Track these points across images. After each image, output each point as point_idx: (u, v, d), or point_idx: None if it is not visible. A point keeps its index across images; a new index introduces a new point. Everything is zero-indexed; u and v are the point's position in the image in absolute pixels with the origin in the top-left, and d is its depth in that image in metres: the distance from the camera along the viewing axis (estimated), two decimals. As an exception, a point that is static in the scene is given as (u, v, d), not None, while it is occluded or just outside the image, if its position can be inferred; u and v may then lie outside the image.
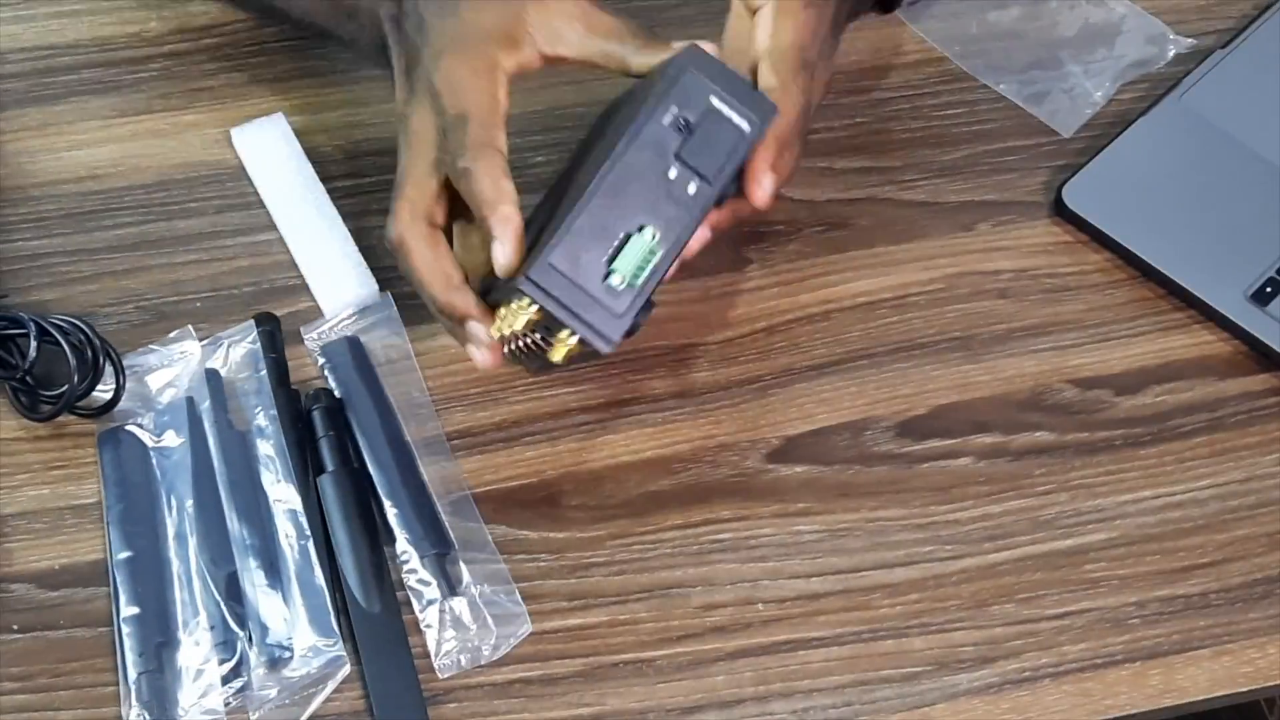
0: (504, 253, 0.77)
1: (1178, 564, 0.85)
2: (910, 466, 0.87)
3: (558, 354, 0.76)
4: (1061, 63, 1.01)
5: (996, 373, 0.91)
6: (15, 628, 0.81)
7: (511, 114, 0.96)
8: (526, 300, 0.75)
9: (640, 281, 0.75)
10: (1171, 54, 1.01)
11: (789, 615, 0.83)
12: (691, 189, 0.76)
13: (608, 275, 0.75)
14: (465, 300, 0.81)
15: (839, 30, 0.88)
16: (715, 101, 0.77)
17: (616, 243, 0.75)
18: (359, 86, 0.99)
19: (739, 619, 0.83)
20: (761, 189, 0.81)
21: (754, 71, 0.83)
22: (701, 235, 0.80)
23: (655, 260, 0.75)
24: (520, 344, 0.79)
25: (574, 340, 0.75)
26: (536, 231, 0.80)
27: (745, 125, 0.77)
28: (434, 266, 0.81)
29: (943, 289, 0.93)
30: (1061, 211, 0.95)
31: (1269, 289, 0.91)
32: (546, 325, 0.76)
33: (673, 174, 0.76)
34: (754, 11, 0.84)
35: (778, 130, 0.80)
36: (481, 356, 0.81)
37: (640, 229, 0.75)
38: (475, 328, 0.81)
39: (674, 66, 0.78)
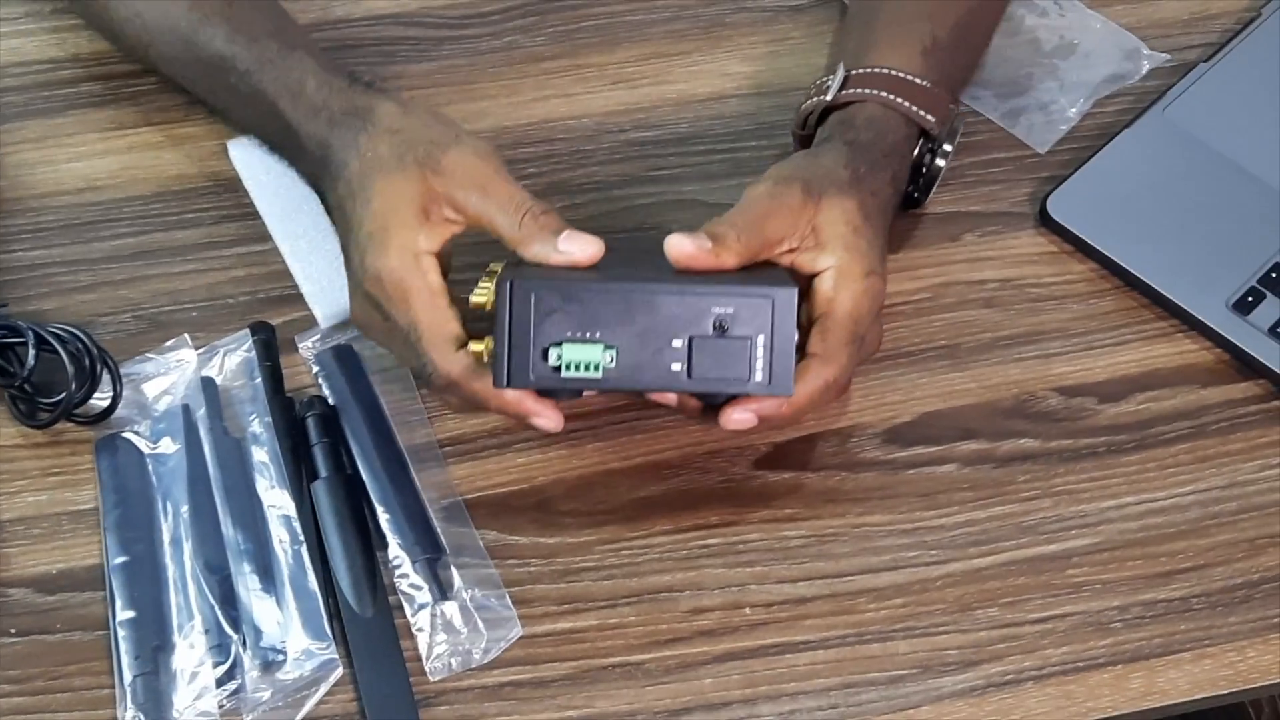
0: (546, 426, 0.80)
1: (1160, 569, 0.86)
2: (896, 473, 0.88)
3: (476, 344, 0.79)
4: (1037, 79, 1.02)
5: (982, 380, 0.92)
6: (13, 631, 0.82)
7: (505, 128, 0.99)
8: (493, 289, 0.78)
9: (565, 375, 0.77)
10: (1146, 68, 1.02)
11: (776, 619, 0.84)
12: (674, 367, 0.78)
13: (554, 344, 0.77)
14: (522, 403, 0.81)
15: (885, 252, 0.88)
16: (758, 340, 0.77)
17: (585, 333, 0.77)
18: (353, 99, 1.00)
19: (727, 623, 0.84)
20: (731, 420, 0.81)
21: (809, 325, 0.83)
22: (664, 393, 0.83)
23: (591, 374, 0.77)
24: None
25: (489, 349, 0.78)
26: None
27: (756, 378, 0.78)
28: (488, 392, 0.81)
29: (929, 298, 0.94)
30: (1046, 222, 0.96)
31: (1250, 298, 0.92)
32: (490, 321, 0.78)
33: (675, 344, 0.77)
34: (814, 274, 0.83)
35: (791, 401, 0.80)
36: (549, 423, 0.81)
37: (607, 346, 0.77)
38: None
39: (769, 284, 0.78)
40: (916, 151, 0.92)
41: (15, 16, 1.03)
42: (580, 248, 0.79)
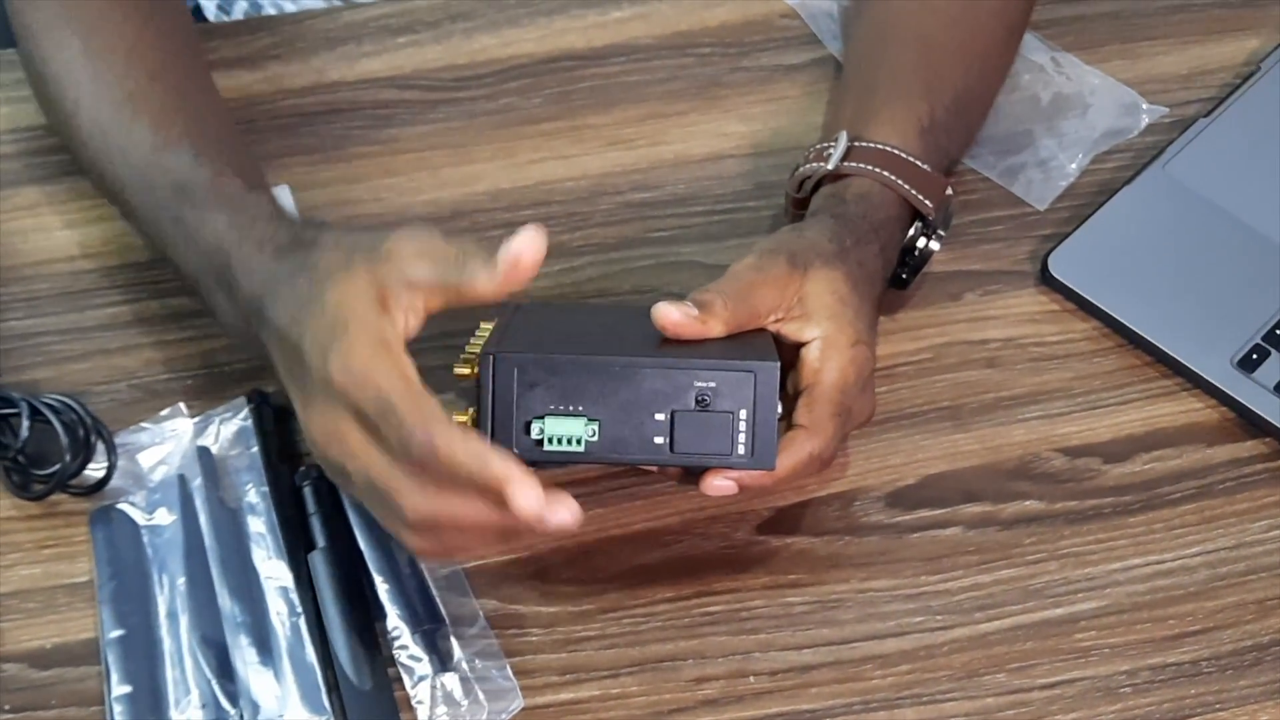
0: (525, 500, 0.71)
1: (1168, 632, 0.85)
2: (900, 536, 0.88)
3: (460, 415, 0.78)
4: (1036, 135, 1.02)
5: (985, 442, 0.91)
6: (7, 708, 0.81)
7: (501, 190, 0.98)
8: (475, 362, 0.77)
9: (547, 449, 0.77)
10: (1145, 123, 1.02)
11: (781, 687, 0.83)
12: (657, 440, 0.78)
13: (537, 417, 0.77)
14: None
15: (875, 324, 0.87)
16: (740, 414, 0.77)
17: (568, 407, 0.77)
18: (349, 163, 0.99)
19: (730, 691, 0.83)
20: (712, 488, 0.79)
21: (796, 395, 0.82)
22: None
23: (573, 448, 0.77)
24: None
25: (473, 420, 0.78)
26: (534, 322, 0.82)
27: (739, 452, 0.78)
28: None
29: (930, 359, 0.93)
30: (1048, 280, 0.96)
31: (1255, 355, 0.92)
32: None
33: (658, 417, 0.77)
34: (800, 344, 0.83)
35: (773, 473, 0.79)
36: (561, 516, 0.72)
37: (590, 420, 0.77)
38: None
39: (751, 358, 0.78)
40: (912, 232, 0.91)
41: (8, 84, 1.02)
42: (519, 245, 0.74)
